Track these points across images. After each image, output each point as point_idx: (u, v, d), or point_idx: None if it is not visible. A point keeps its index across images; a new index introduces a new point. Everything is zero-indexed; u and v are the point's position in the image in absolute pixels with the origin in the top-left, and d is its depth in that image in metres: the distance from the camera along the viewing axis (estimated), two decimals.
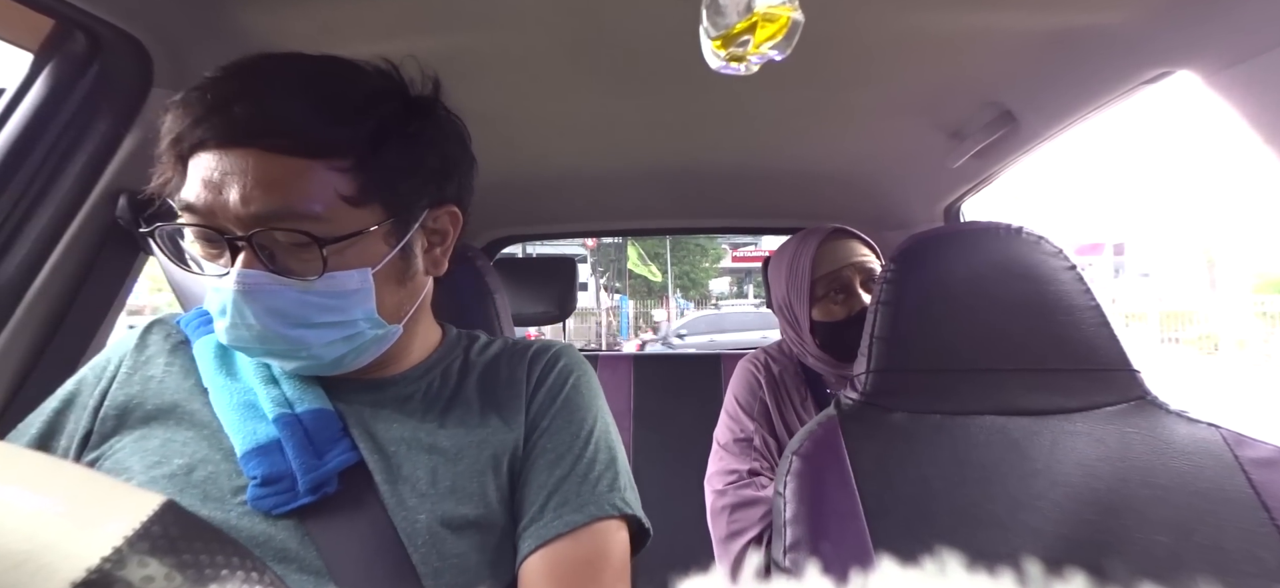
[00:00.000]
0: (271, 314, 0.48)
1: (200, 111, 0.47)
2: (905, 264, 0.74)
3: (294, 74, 0.51)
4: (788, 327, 1.13)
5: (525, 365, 0.62)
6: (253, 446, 0.51)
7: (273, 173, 0.47)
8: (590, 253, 15.04)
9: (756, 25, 0.48)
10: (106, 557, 0.17)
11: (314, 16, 0.75)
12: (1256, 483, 0.63)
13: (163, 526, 0.18)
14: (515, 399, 0.59)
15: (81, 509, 0.18)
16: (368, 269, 0.51)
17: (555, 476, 0.56)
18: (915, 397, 0.72)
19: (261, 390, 0.54)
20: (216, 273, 0.49)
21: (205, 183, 0.47)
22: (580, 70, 0.91)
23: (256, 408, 0.53)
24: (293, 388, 0.55)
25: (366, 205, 0.50)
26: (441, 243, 0.59)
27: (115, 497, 0.19)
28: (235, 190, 0.46)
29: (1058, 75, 0.89)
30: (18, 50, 0.70)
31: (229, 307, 0.48)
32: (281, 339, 0.50)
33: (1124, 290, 15.97)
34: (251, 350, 0.52)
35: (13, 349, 0.69)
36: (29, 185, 0.69)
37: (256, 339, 0.50)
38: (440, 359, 0.62)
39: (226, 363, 0.57)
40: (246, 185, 0.46)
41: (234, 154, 0.47)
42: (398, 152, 0.52)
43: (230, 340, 0.50)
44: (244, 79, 0.49)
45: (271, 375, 0.56)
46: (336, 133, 0.49)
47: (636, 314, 15.51)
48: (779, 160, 1.35)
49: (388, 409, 0.56)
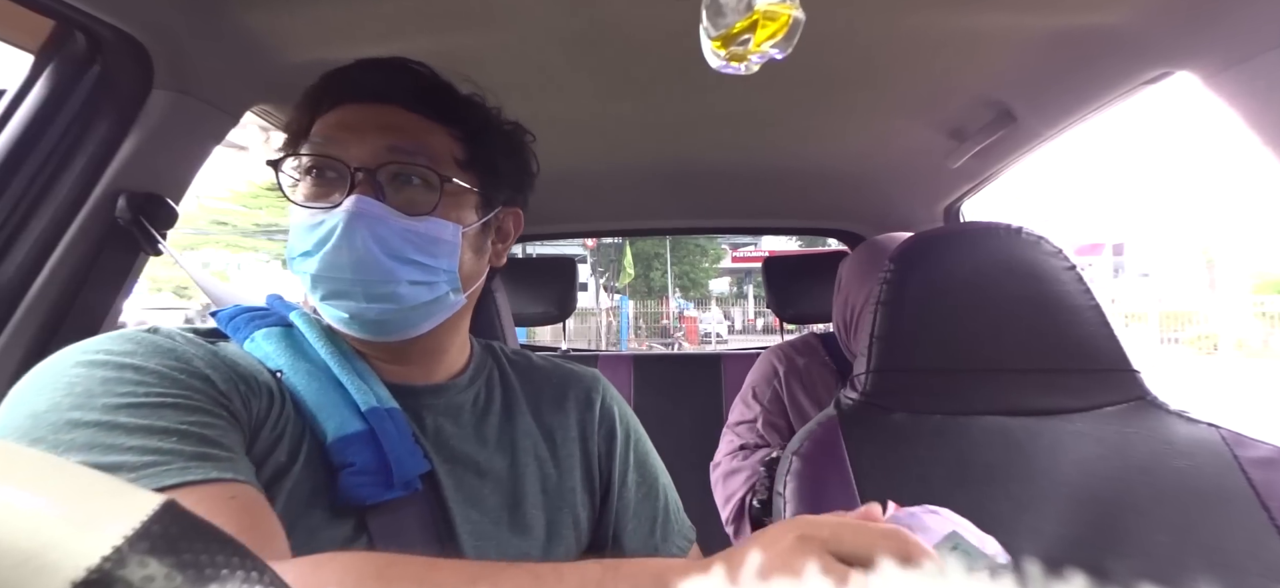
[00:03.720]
0: (376, 240, 0.51)
1: (342, 76, 0.56)
2: (905, 264, 0.74)
3: (413, 65, 0.59)
4: (841, 327, 1.10)
5: (585, 397, 0.67)
6: (348, 432, 0.50)
7: (408, 123, 0.55)
8: (590, 253, 15.05)
9: (757, 25, 0.48)
10: (106, 556, 0.17)
11: (314, 16, 0.75)
12: (1256, 483, 0.63)
13: (163, 525, 0.18)
14: (584, 430, 0.65)
15: (81, 509, 0.18)
16: (459, 226, 0.55)
17: (656, 510, 0.67)
18: (915, 397, 0.72)
19: (349, 380, 0.53)
20: (324, 206, 0.52)
21: (341, 125, 0.54)
22: (580, 70, 0.91)
23: (345, 395, 0.52)
24: (372, 384, 0.54)
25: (469, 173, 0.57)
26: (503, 240, 0.65)
27: (115, 496, 0.19)
28: (372, 131, 0.53)
29: (1058, 75, 0.89)
30: (18, 51, 0.70)
31: (338, 230, 0.50)
32: (378, 268, 0.51)
33: (1124, 290, 15.98)
34: (340, 287, 0.52)
35: (13, 349, 0.69)
36: (29, 185, 0.69)
37: (353, 266, 0.51)
38: (479, 369, 0.64)
39: (298, 350, 0.55)
40: (385, 125, 0.54)
41: (373, 107, 0.55)
42: (495, 141, 0.60)
43: (321, 269, 0.51)
44: (377, 62, 0.57)
45: (355, 368, 0.55)
46: (456, 106, 0.58)
47: (637, 314, 15.50)
48: (779, 160, 1.35)
49: (444, 418, 0.58)
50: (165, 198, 0.79)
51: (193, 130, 0.81)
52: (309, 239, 0.52)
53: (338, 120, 0.54)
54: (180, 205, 0.82)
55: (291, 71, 0.84)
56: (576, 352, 1.92)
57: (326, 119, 0.54)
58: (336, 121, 0.54)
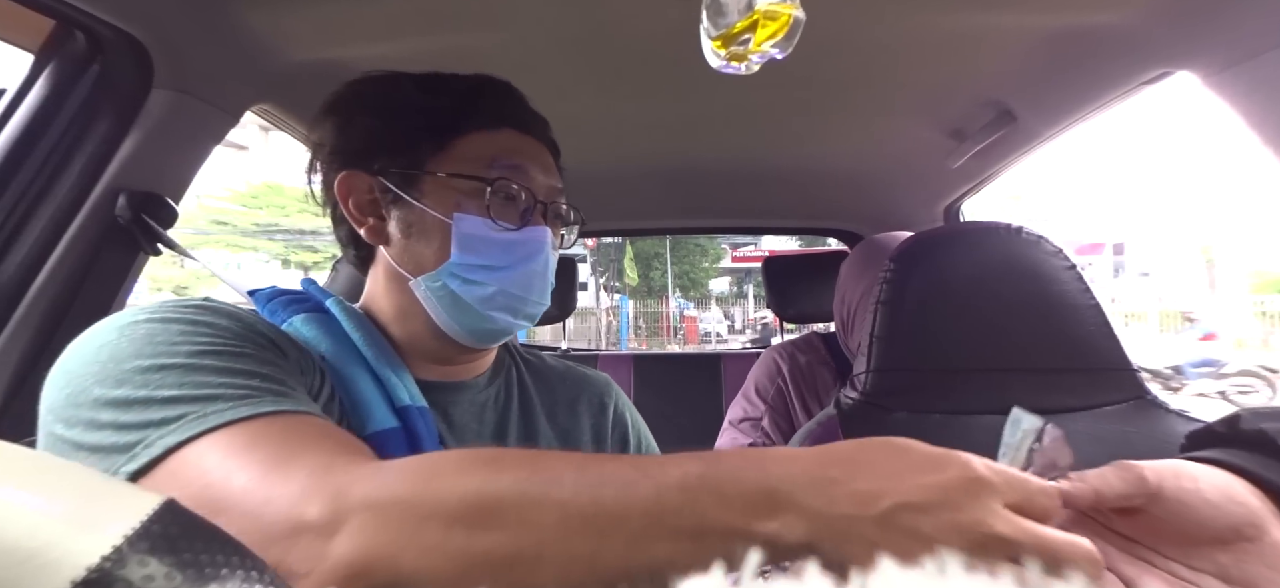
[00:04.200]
0: (551, 270, 0.59)
1: (510, 97, 0.60)
2: (905, 264, 0.74)
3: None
4: (841, 326, 1.11)
5: (598, 400, 0.69)
6: (381, 428, 0.50)
7: (552, 163, 0.61)
8: (590, 253, 15.04)
9: (757, 24, 0.48)
10: (107, 556, 0.17)
11: (314, 17, 0.75)
12: None
13: (163, 525, 0.18)
14: (598, 432, 0.67)
15: (82, 508, 0.18)
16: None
17: None
18: (916, 396, 0.72)
19: (388, 375, 0.53)
20: (518, 227, 0.55)
21: (520, 152, 0.57)
22: (580, 70, 0.91)
23: (379, 390, 0.53)
24: (405, 383, 0.54)
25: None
26: None
27: (116, 496, 0.19)
28: (545, 165, 0.58)
29: (1058, 75, 0.89)
30: (18, 51, 0.70)
31: (545, 257, 0.57)
32: (548, 295, 0.59)
33: (1124, 290, 15.97)
34: (520, 304, 0.56)
35: (13, 349, 0.69)
36: (29, 185, 0.69)
37: (543, 291, 0.57)
38: (499, 366, 0.65)
39: (340, 340, 0.54)
40: (547, 163, 0.59)
41: (537, 142, 0.59)
42: None
43: (514, 286, 0.55)
44: (520, 94, 0.62)
45: (392, 363, 0.55)
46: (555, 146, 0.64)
47: (637, 314, 15.49)
48: (779, 160, 1.35)
49: (469, 417, 0.59)
50: (165, 197, 0.79)
51: (193, 130, 0.81)
52: (499, 254, 0.54)
53: (517, 146, 0.57)
54: (180, 205, 0.82)
55: (291, 71, 0.84)
56: (577, 351, 1.92)
57: (500, 141, 0.56)
58: (516, 147, 0.57)
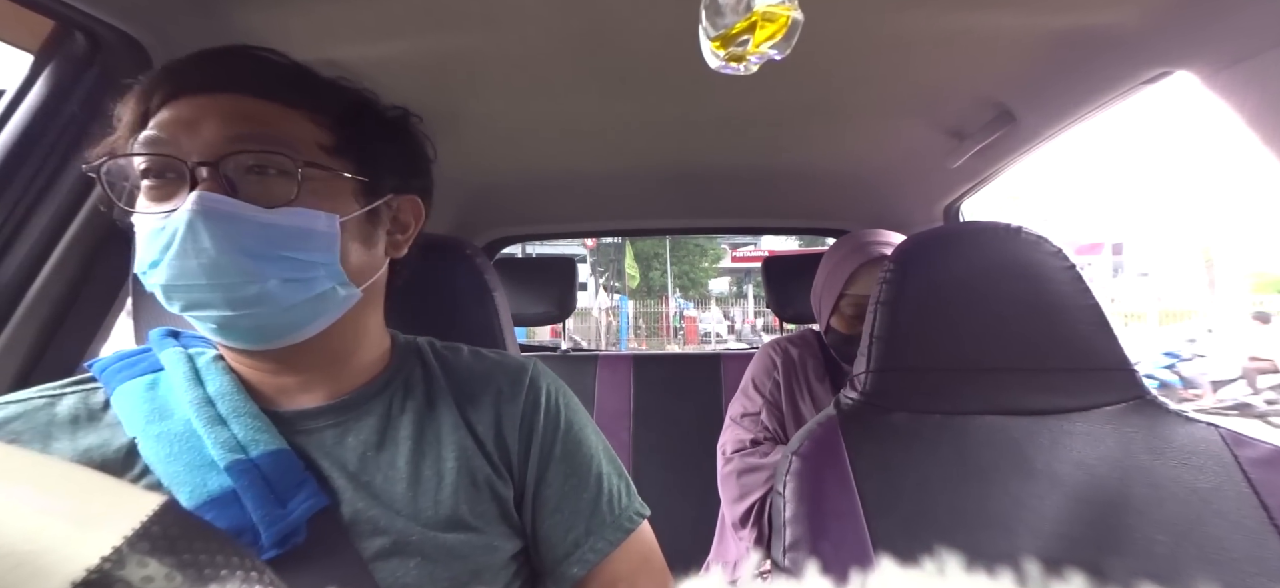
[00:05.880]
0: (230, 239, 0.46)
1: (174, 69, 0.50)
2: (905, 264, 0.74)
3: (274, 55, 0.53)
4: (815, 314, 1.19)
5: (508, 388, 0.61)
6: (204, 498, 0.46)
7: (257, 110, 0.49)
8: (590, 253, 15.04)
9: (756, 25, 0.48)
10: (106, 557, 0.17)
11: (313, 16, 0.75)
12: (1256, 483, 0.63)
13: (162, 526, 0.18)
14: (501, 423, 0.59)
15: (82, 509, 0.18)
16: (335, 215, 0.51)
17: (584, 503, 0.60)
18: (915, 396, 0.72)
19: (207, 434, 0.49)
20: (164, 210, 0.46)
21: (174, 120, 0.48)
22: (580, 71, 0.91)
23: (203, 454, 0.48)
24: (244, 428, 0.50)
25: (341, 158, 0.52)
26: (403, 231, 0.60)
27: (116, 497, 0.19)
28: (211, 121, 0.47)
29: (1058, 75, 0.89)
30: (18, 51, 0.70)
31: (180, 233, 0.45)
32: (238, 270, 0.46)
33: (1123, 290, 15.97)
34: (195, 295, 0.47)
35: (13, 349, 0.69)
36: (29, 185, 0.69)
37: (207, 271, 0.45)
38: (397, 370, 0.60)
39: (158, 407, 0.51)
40: (228, 114, 0.48)
41: (213, 97, 0.48)
42: (373, 124, 0.56)
43: (170, 278, 0.46)
44: (216, 51, 0.52)
45: (217, 415, 0.50)
46: (318, 90, 0.53)
47: (637, 314, 15.49)
48: (779, 160, 1.35)
49: (352, 437, 0.54)
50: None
51: None
52: (153, 247, 0.46)
53: (171, 116, 0.48)
54: None
55: None
56: (576, 351, 1.92)
57: (159, 116, 0.48)
58: (170, 117, 0.48)
